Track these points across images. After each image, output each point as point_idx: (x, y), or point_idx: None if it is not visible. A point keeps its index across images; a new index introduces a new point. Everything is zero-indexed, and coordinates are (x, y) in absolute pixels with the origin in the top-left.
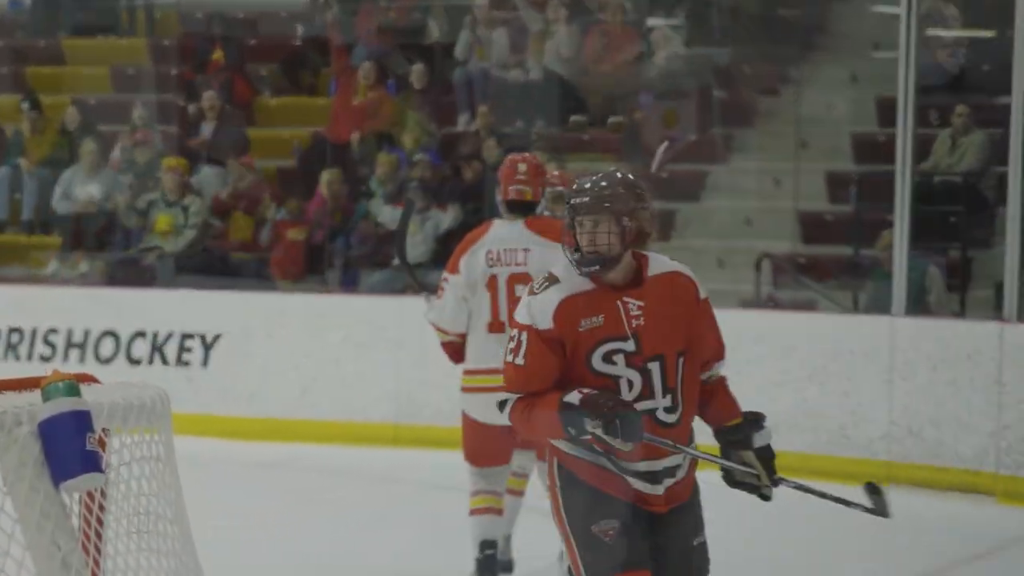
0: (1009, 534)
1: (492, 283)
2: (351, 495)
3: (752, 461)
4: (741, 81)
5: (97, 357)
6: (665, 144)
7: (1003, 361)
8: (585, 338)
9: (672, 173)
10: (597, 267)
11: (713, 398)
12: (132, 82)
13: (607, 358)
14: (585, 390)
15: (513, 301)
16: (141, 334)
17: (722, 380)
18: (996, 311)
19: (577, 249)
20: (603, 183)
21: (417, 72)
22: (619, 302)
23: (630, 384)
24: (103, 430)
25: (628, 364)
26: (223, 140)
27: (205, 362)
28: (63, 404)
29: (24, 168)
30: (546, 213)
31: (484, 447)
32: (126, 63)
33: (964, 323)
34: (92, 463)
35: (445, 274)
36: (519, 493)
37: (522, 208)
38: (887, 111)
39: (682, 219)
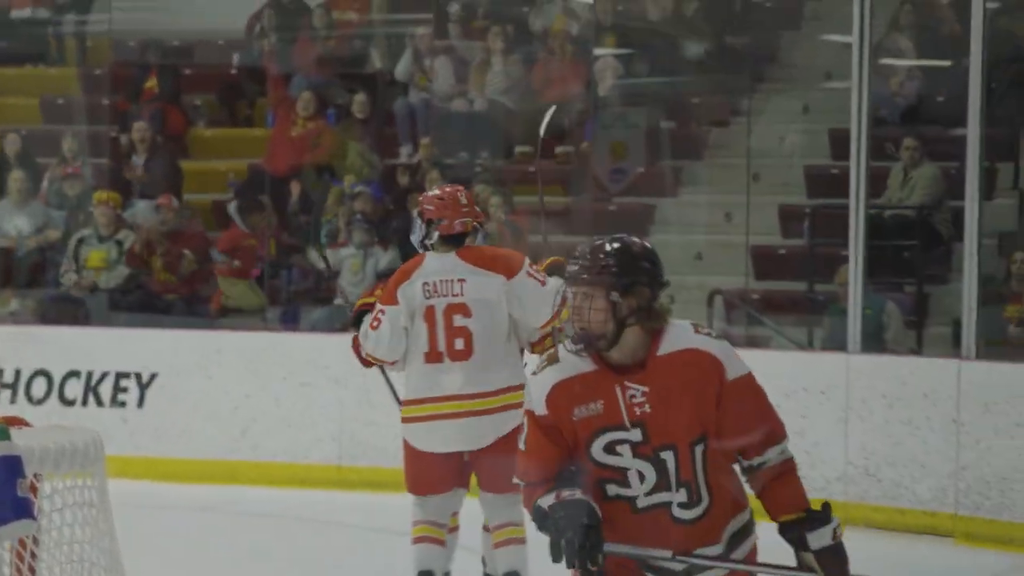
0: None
1: (430, 314)
2: (294, 538)
3: (812, 564)
4: (690, 112)
5: (29, 398)
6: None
7: (961, 399)
8: (581, 427)
9: (620, 206)
10: (582, 346)
11: (765, 489)
12: (62, 112)
13: (609, 449)
14: (564, 493)
15: (451, 331)
16: (75, 374)
17: (776, 468)
18: (954, 348)
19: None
20: (599, 252)
21: (358, 102)
22: (618, 387)
23: (641, 476)
24: (34, 475)
25: (636, 455)
26: (155, 172)
27: (141, 402)
28: None
29: None
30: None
31: (423, 475)
32: (56, 93)
33: (921, 360)
34: (23, 509)
35: (380, 305)
36: (453, 529)
37: (457, 240)
38: (840, 143)
39: None
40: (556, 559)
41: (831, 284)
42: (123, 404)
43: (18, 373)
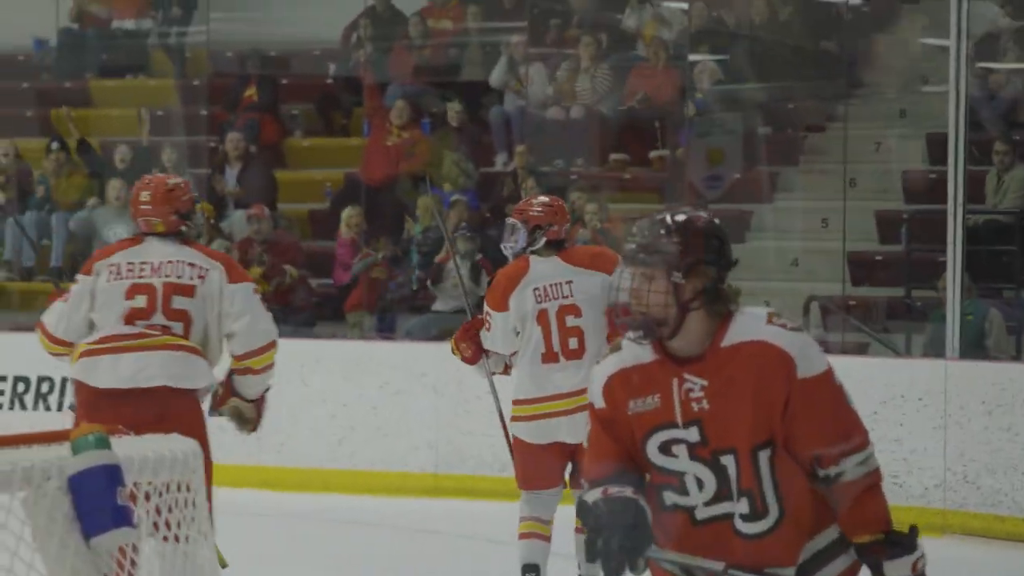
0: None
1: (543, 317)
2: (390, 547)
3: None
4: (786, 118)
5: None
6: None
7: None
8: (637, 423)
9: (716, 213)
10: (641, 333)
11: (840, 505)
12: (162, 124)
13: (665, 449)
14: (613, 489)
15: (564, 331)
16: None
17: (855, 483)
18: None
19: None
20: (660, 227)
21: (453, 111)
22: (676, 380)
23: (699, 483)
24: (134, 484)
25: (693, 457)
26: (249, 183)
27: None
28: (93, 457)
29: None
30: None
31: (533, 469)
32: (155, 104)
33: (1020, 366)
34: (123, 518)
35: (490, 310)
36: None
37: (560, 244)
38: (938, 148)
39: None
40: (590, 559)
41: (929, 290)
42: (220, 412)
43: None
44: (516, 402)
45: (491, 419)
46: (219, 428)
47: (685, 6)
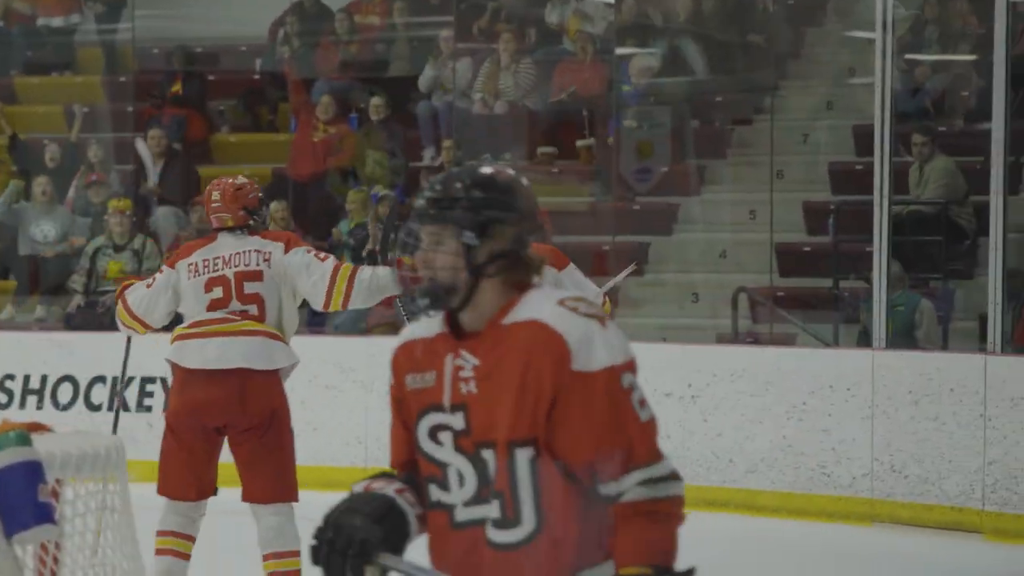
0: (996, 572)
1: None
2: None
3: None
4: (714, 111)
5: (55, 403)
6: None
7: (988, 395)
8: (413, 400)
9: (644, 205)
10: (428, 302)
11: (615, 528)
12: (88, 121)
13: (433, 435)
14: (376, 484)
15: None
16: (100, 379)
17: (635, 506)
18: (980, 343)
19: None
20: (454, 181)
21: (379, 106)
22: (450, 356)
23: (460, 478)
24: (56, 480)
25: (456, 448)
26: (172, 179)
27: (167, 406)
28: (14, 454)
29: None
30: None
31: None
32: (82, 101)
33: (947, 356)
34: (45, 514)
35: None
36: None
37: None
38: (864, 139)
39: (655, 253)
40: (314, 562)
41: (859, 280)
42: (148, 409)
43: (44, 379)
44: None
45: None
46: (147, 425)
47: (611, 0)
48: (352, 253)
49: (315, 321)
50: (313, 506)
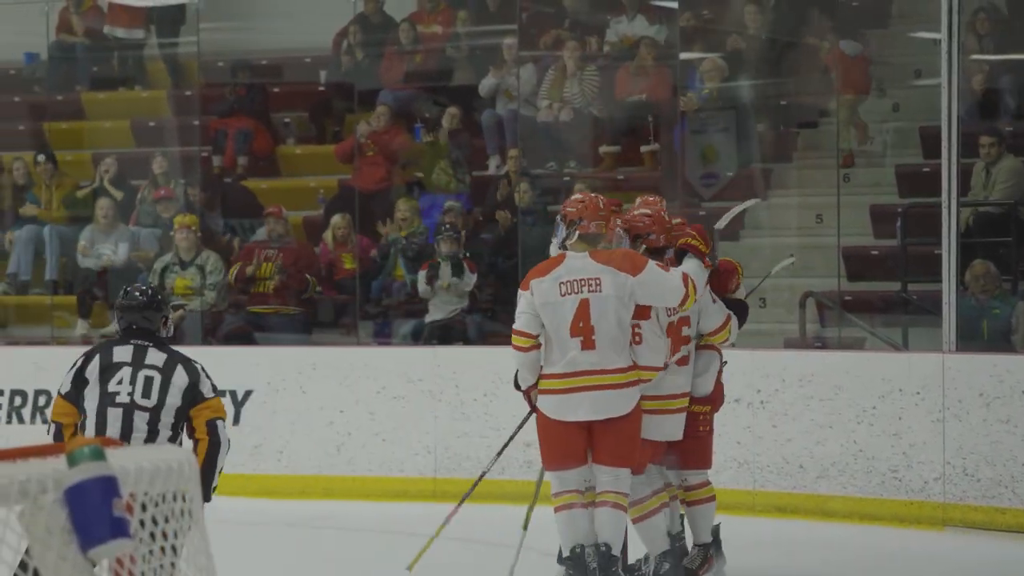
0: None
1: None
2: (391, 553)
3: None
4: (779, 114)
5: None
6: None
7: None
8: None
9: (710, 211)
10: None
11: None
12: (154, 135)
13: None
14: None
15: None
16: None
17: None
18: None
19: None
20: None
21: (454, 115)
22: None
23: None
24: (130, 494)
25: None
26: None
27: (236, 419)
28: (89, 469)
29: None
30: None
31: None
32: (147, 116)
33: (1018, 358)
34: (120, 529)
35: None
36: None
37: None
38: (931, 141)
39: (722, 258)
40: None
41: (926, 283)
42: None
43: None
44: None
45: (488, 421)
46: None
47: (675, 5)
48: (410, 263)
49: (382, 332)
50: (380, 517)
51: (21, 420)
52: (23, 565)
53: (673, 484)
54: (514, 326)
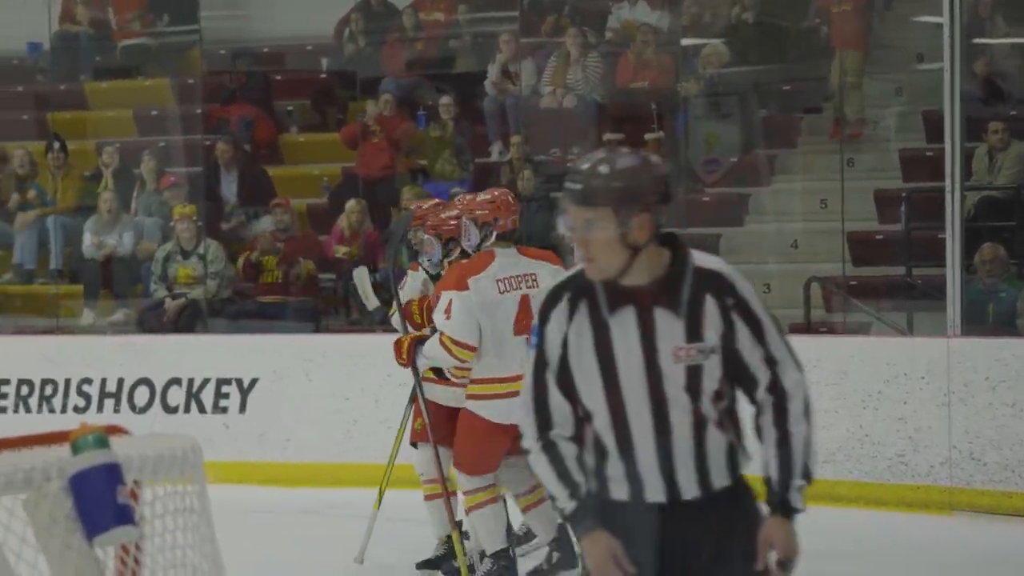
0: None
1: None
2: (400, 539)
3: None
4: (782, 99)
5: (132, 406)
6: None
7: None
8: None
9: (714, 196)
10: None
11: None
12: (157, 123)
13: None
14: None
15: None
16: (176, 381)
17: None
18: None
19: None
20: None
21: (448, 105)
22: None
23: None
24: (135, 482)
25: None
26: (247, 187)
27: (242, 408)
28: (93, 457)
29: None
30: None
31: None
32: (149, 104)
33: (1022, 341)
34: (125, 516)
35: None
36: None
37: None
38: (934, 125)
39: (726, 244)
40: None
41: (930, 267)
42: (224, 410)
43: (121, 382)
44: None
45: None
46: (223, 426)
47: None
48: (414, 251)
49: (388, 319)
50: (385, 504)
51: (28, 409)
52: None
53: None
54: (454, 335)
